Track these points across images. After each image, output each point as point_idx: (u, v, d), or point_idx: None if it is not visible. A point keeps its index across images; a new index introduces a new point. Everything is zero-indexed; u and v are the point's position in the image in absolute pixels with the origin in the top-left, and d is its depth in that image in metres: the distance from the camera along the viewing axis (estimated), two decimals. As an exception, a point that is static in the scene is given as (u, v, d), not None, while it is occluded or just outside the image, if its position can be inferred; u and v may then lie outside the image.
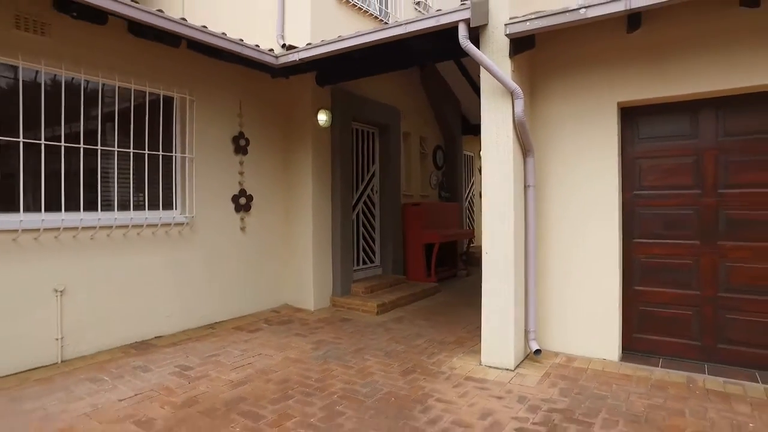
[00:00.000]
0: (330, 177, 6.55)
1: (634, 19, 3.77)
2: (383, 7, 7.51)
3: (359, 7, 6.84)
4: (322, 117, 6.28)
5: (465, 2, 3.88)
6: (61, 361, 4.17)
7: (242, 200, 5.96)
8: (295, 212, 6.43)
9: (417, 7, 8.26)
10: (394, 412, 3.23)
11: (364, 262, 7.38)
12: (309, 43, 5.24)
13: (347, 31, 6.13)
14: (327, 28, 6.18)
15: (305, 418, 3.14)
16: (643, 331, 4.27)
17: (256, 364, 4.17)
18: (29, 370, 3.96)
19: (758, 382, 3.59)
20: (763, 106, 3.74)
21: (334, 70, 5.84)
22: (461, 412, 3.24)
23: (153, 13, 4.09)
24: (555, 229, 4.42)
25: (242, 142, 5.94)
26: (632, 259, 4.29)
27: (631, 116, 4.27)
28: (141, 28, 4.28)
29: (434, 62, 8.06)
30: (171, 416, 3.15)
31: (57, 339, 4.20)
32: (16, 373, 3.87)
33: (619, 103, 4.11)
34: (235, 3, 6.84)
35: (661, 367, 3.98)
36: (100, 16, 3.97)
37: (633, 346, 4.30)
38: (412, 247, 7.79)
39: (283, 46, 6.07)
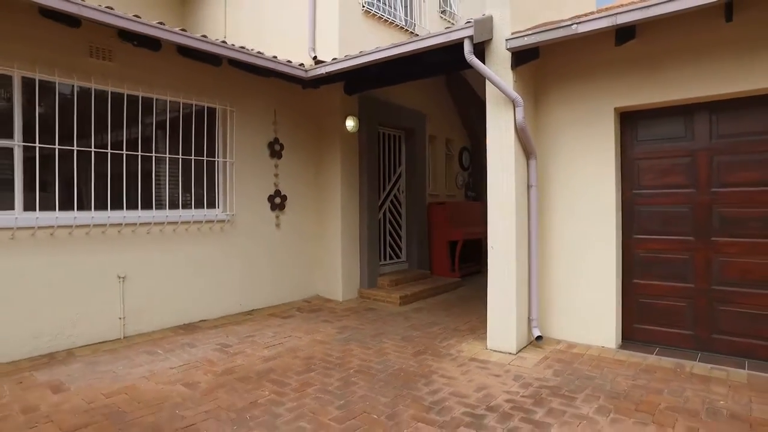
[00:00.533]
0: (357, 178, 7.07)
1: (627, 31, 4.07)
2: (408, 18, 7.96)
3: (385, 19, 7.33)
4: (350, 123, 6.81)
5: (470, 21, 4.29)
6: (123, 337, 4.88)
7: (277, 200, 6.58)
8: (326, 211, 7.00)
9: (442, 16, 8.66)
10: (400, 384, 3.71)
11: (391, 258, 7.86)
12: (334, 58, 5.78)
13: (374, 41, 6.67)
14: (354, 39, 6.71)
15: (324, 386, 3.66)
16: (643, 322, 4.56)
17: (286, 344, 4.74)
18: (99, 342, 4.68)
19: (744, 369, 3.84)
20: (752, 109, 3.97)
21: (359, 80, 6.35)
22: (460, 385, 3.68)
23: (198, 39, 4.72)
24: (558, 226, 4.76)
25: (277, 147, 6.56)
26: (632, 253, 4.59)
27: (630, 120, 4.56)
28: (188, 51, 4.94)
29: (447, 73, 8.45)
30: (212, 381, 3.75)
31: (120, 318, 4.91)
32: (89, 345, 4.60)
33: (616, 109, 4.42)
34: (272, 19, 7.47)
35: (655, 354, 4.26)
36: (155, 43, 4.65)
37: (633, 335, 4.59)
38: (437, 244, 8.21)
39: (314, 58, 6.64)
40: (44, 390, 3.54)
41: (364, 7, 6.96)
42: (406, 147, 8.13)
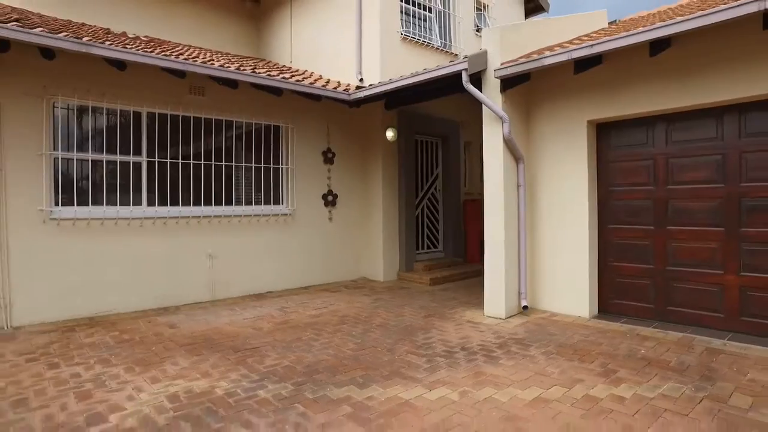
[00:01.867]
0: (397, 180, 8.39)
1: (593, 60, 5.04)
2: (444, 40, 9.14)
3: (421, 42, 8.58)
4: (390, 133, 8.15)
5: (466, 56, 5.47)
6: (212, 300, 6.58)
7: (330, 198, 8.08)
8: (370, 207, 8.40)
9: (477, 34, 9.73)
10: (406, 333, 5.00)
11: (428, 247, 9.11)
12: (370, 84, 7.16)
13: (412, 63, 7.98)
14: (394, 62, 8.02)
15: (349, 332, 5.04)
16: (616, 297, 5.49)
17: (329, 308, 6.19)
18: (195, 302, 6.41)
19: (682, 333, 4.72)
20: (697, 120, 4.82)
21: (395, 98, 7.64)
22: (449, 335, 4.90)
23: (263, 77, 6.28)
24: (544, 218, 5.80)
25: (329, 155, 8.06)
26: (607, 240, 5.53)
27: (605, 130, 5.51)
28: (258, 86, 6.52)
29: (456, 93, 9.42)
30: (272, 327, 5.26)
31: (209, 286, 6.62)
32: (189, 303, 6.34)
33: (588, 121, 5.40)
34: (328, 46, 8.96)
35: (620, 323, 5.20)
36: (234, 83, 6.27)
37: (608, 309, 5.54)
38: (471, 236, 9.33)
39: (361, 80, 8.07)
40: (164, 326, 5.24)
41: (401, 34, 8.26)
42: (443, 152, 9.33)
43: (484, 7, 10.05)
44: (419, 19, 8.84)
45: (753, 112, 4.49)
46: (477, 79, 5.65)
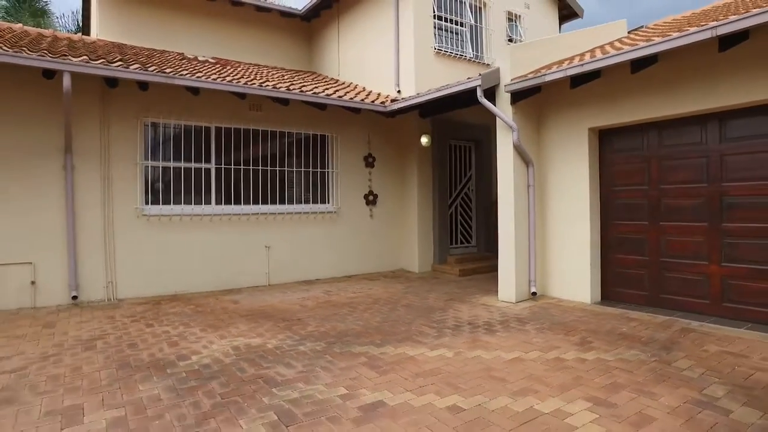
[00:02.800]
0: (431, 181, 9.29)
1: (592, 75, 5.72)
2: (476, 52, 9.90)
3: (454, 55, 9.41)
4: (424, 139, 9.04)
5: (480, 74, 6.30)
6: (268, 284, 7.78)
7: (371, 197, 9.10)
8: (406, 206, 9.35)
9: (509, 43, 10.41)
10: (425, 312, 5.90)
11: (461, 242, 9.93)
12: (403, 97, 8.11)
13: (445, 74, 8.83)
14: (428, 75, 8.90)
15: (378, 310, 6.02)
16: (617, 286, 6.13)
17: (366, 292, 7.20)
18: (254, 286, 7.64)
19: (669, 317, 5.32)
20: (686, 126, 5.40)
21: (426, 108, 8.52)
22: (461, 315, 5.77)
23: (310, 95, 7.39)
24: (554, 215, 6.51)
25: (370, 160, 9.08)
26: (610, 235, 6.18)
27: (607, 136, 6.16)
28: (306, 102, 7.65)
29: (474, 105, 10.07)
30: (315, 305, 6.34)
31: (266, 273, 7.83)
32: (248, 287, 7.57)
33: (589, 128, 6.07)
34: (370, 60, 9.96)
35: (616, 308, 5.84)
36: (286, 101, 7.43)
37: (610, 296, 6.18)
38: (502, 233, 10.04)
39: (398, 91, 9.04)
40: (228, 302, 6.46)
41: (435, 49, 9.14)
42: (476, 155, 10.11)
43: (517, 17, 10.70)
44: (453, 33, 9.67)
45: (731, 120, 5.04)
46: (492, 93, 6.46)
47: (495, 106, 6.36)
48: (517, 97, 6.25)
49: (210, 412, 3.10)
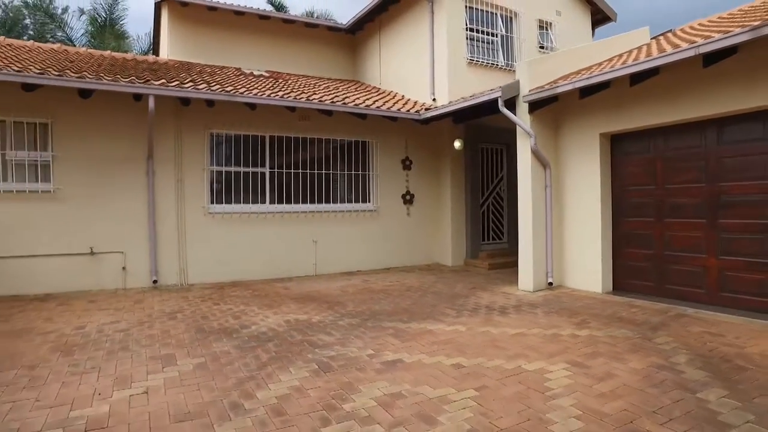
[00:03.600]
0: (463, 182, 10.03)
1: (602, 85, 6.31)
2: (508, 60, 10.52)
3: (485, 64, 10.10)
4: (457, 144, 9.79)
5: (500, 86, 7.01)
6: (315, 275, 8.81)
7: (407, 197, 9.96)
8: (441, 205, 10.14)
9: (541, 50, 10.95)
10: (450, 298, 6.70)
11: (493, 239, 10.60)
12: (436, 106, 8.91)
13: (477, 83, 9.53)
14: (462, 83, 9.64)
15: (409, 296, 6.87)
16: (627, 278, 6.69)
17: (401, 282, 8.06)
18: (302, 275, 8.68)
19: (669, 305, 5.86)
20: (688, 131, 5.91)
21: (457, 115, 9.26)
22: (482, 300, 6.53)
23: (351, 107, 8.33)
24: (569, 213, 7.13)
25: (407, 163, 9.94)
26: (621, 230, 6.74)
27: (618, 140, 6.72)
28: (349, 113, 8.60)
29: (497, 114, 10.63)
30: (355, 291, 7.27)
31: (313, 264, 8.86)
32: (298, 276, 8.63)
33: (600, 134, 6.66)
34: (408, 70, 10.78)
35: (623, 297, 6.41)
36: (330, 112, 8.42)
37: (621, 287, 6.74)
38: (532, 230, 10.62)
39: (434, 99, 9.84)
40: (280, 288, 7.52)
41: (467, 59, 9.87)
42: (507, 157, 10.73)
43: (548, 25, 11.21)
44: (485, 43, 10.35)
45: (728, 126, 5.53)
46: (512, 103, 7.16)
47: (515, 115, 7.06)
48: (534, 106, 6.93)
49: (267, 362, 4.07)
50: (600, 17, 12.27)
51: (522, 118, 6.99)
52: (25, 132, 7.08)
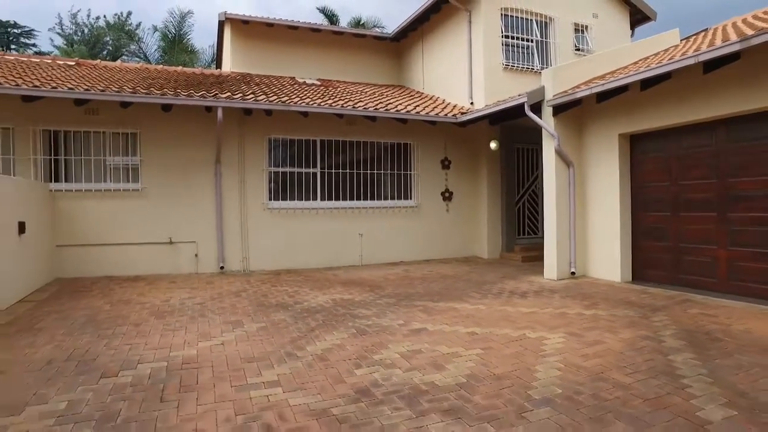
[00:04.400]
0: (499, 181, 10.68)
1: (618, 90, 6.84)
2: (543, 64, 11.03)
3: (521, 68, 10.69)
4: (493, 144, 10.45)
5: (525, 92, 7.65)
6: (361, 265, 9.76)
7: (446, 194, 10.73)
8: (477, 202, 10.83)
9: (576, 53, 11.38)
10: (480, 284, 7.44)
11: (528, 234, 11.16)
12: (470, 110, 9.62)
13: (513, 86, 10.13)
14: (498, 87, 10.27)
15: (443, 282, 7.67)
16: (645, 268, 7.17)
17: (437, 271, 8.86)
18: (349, 265, 9.66)
19: (680, 292, 6.33)
20: (699, 131, 6.36)
21: (492, 117, 9.92)
22: (507, 287, 7.22)
23: (393, 113, 9.20)
24: (592, 208, 7.67)
25: (446, 163, 10.71)
26: (640, 224, 7.23)
27: (636, 140, 7.21)
28: (392, 118, 9.48)
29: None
30: (395, 278, 8.15)
31: (359, 255, 9.82)
32: (345, 266, 9.61)
33: (619, 134, 7.17)
34: (448, 75, 11.53)
35: (639, 285, 6.91)
36: (374, 118, 9.34)
37: (639, 277, 7.23)
38: (567, 226, 11.10)
39: (471, 103, 10.55)
40: (329, 275, 8.52)
41: (503, 65, 10.50)
42: (541, 156, 11.23)
43: (585, 28, 11.61)
44: (521, 48, 10.93)
45: (735, 125, 5.96)
46: (538, 107, 7.79)
47: (540, 118, 7.69)
48: (558, 109, 7.54)
49: (315, 327, 5.02)
50: (640, 17, 12.49)
51: (546, 121, 7.62)
52: (120, 141, 8.46)
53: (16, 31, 28.94)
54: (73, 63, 10.99)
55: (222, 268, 8.83)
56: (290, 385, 3.44)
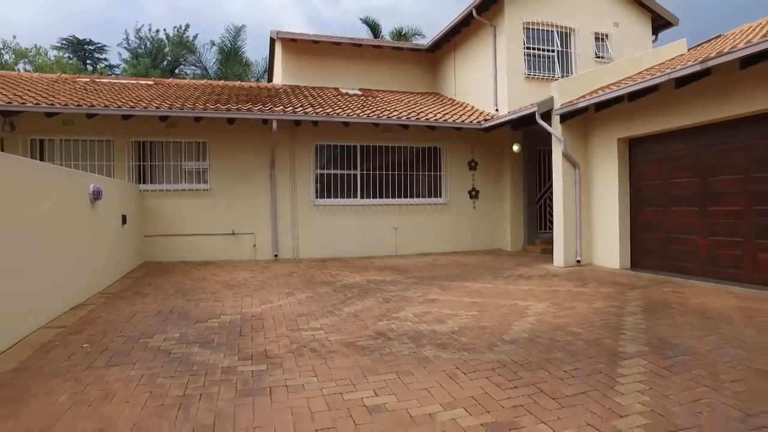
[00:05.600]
0: (521, 180, 11.73)
1: (615, 100, 7.81)
2: (565, 72, 11.95)
3: (542, 77, 11.67)
4: (515, 147, 11.50)
5: (536, 102, 8.72)
6: (395, 254, 11.10)
7: (473, 193, 11.89)
8: (502, 200, 11.92)
9: (597, 60, 12.21)
10: (494, 270, 8.59)
11: (549, 229, 12.10)
12: (493, 117, 10.74)
13: (534, 93, 11.09)
14: (520, 95, 11.29)
15: (463, 269, 8.87)
16: (642, 257, 8.11)
17: (461, 260, 10.06)
18: (384, 255, 11.01)
19: (665, 276, 7.27)
20: (684, 135, 7.27)
21: (514, 123, 10.97)
22: (518, 272, 8.33)
23: (423, 121, 10.46)
24: (596, 204, 8.65)
25: (473, 164, 11.87)
26: (638, 218, 8.17)
27: (636, 143, 8.15)
28: (420, 125, 10.75)
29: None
30: (423, 265, 9.42)
31: (394, 246, 11.16)
32: (381, 256, 10.97)
33: (618, 138, 8.13)
34: (477, 85, 12.62)
35: (633, 271, 7.87)
36: (408, 126, 10.63)
37: (637, 264, 8.17)
38: (587, 221, 11.98)
39: (496, 110, 11.65)
40: (367, 262, 9.91)
41: (525, 74, 11.53)
42: (563, 156, 12.18)
43: (605, 36, 12.41)
44: (543, 58, 11.91)
45: (712, 131, 6.85)
46: (548, 115, 8.84)
47: (550, 125, 8.75)
48: (564, 117, 8.58)
49: (351, 297, 6.38)
50: (662, 23, 13.12)
51: (555, 127, 8.67)
52: (192, 149, 10.18)
53: (90, 47, 32.16)
54: (152, 82, 12.92)
55: (276, 255, 10.39)
56: (329, 330, 4.82)
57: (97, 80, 12.62)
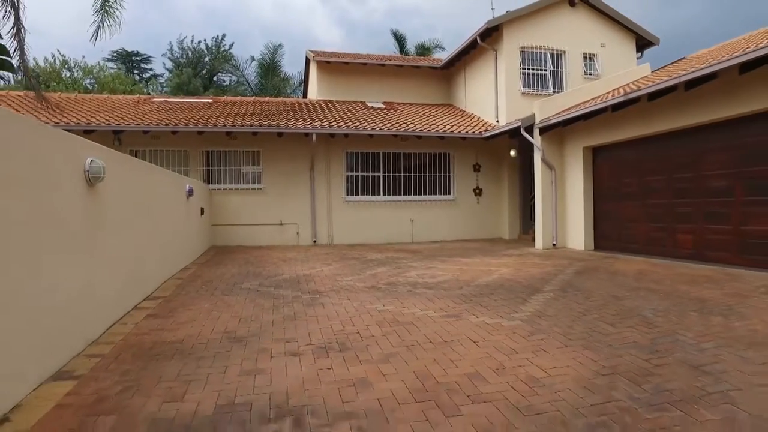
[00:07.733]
0: (517, 180, 13.93)
1: (581, 117, 9.99)
2: (556, 88, 14.07)
3: (536, 93, 13.84)
4: (512, 153, 13.71)
5: (520, 118, 10.95)
6: (411, 242, 13.48)
7: (477, 191, 14.17)
8: (501, 197, 14.15)
9: (586, 77, 14.28)
10: (486, 251, 10.86)
11: (543, 221, 14.27)
12: (492, 127, 12.99)
13: (529, 108, 13.33)
14: (517, 108, 13.48)
15: (464, 251, 11.18)
16: (603, 240, 10.25)
17: (464, 245, 12.35)
18: (403, 242, 13.41)
19: (616, 254, 9.41)
20: (627, 146, 9.40)
21: (510, 132, 13.17)
22: (503, 252, 10.59)
23: (432, 132, 12.80)
24: (568, 199, 10.82)
25: (477, 167, 14.15)
26: (599, 209, 10.32)
27: (597, 151, 10.31)
28: (429, 136, 13.11)
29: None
30: (437, 248, 11.77)
31: (411, 235, 13.55)
32: (398, 242, 13.37)
33: (583, 147, 10.30)
34: (482, 99, 14.89)
35: (597, 252, 10.02)
36: (421, 137, 13.00)
37: (599, 246, 10.32)
38: (575, 214, 14.09)
39: (497, 121, 13.90)
40: (387, 246, 12.34)
41: (521, 91, 13.73)
42: (555, 159, 14.32)
43: (593, 56, 14.46)
44: (537, 77, 14.07)
45: (643, 143, 8.98)
46: (531, 128, 11.06)
47: (532, 137, 10.97)
48: (544, 130, 10.79)
49: (372, 266, 8.80)
50: (645, 42, 15.06)
51: (536, 138, 10.89)
52: (249, 156, 12.82)
53: (137, 58, 35.53)
54: (210, 101, 15.68)
55: (315, 241, 12.91)
56: (356, 281, 7.26)
57: (170, 100, 15.44)
